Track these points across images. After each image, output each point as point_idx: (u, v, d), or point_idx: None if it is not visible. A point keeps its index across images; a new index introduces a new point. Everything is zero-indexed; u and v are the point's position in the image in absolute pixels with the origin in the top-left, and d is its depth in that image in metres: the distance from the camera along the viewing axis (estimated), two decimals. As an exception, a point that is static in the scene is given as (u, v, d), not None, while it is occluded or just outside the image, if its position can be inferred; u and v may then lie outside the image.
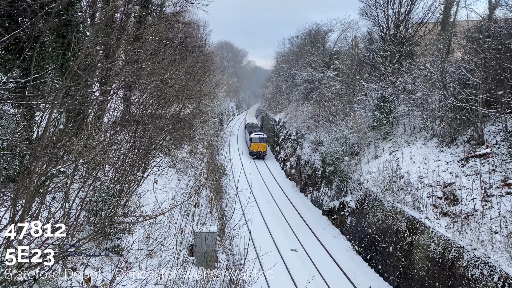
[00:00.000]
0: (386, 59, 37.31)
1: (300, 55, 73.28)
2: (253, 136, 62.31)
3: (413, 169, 24.34)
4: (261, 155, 62.04)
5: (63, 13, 12.07)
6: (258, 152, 61.75)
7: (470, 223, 18.01)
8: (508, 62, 21.13)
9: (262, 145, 61.93)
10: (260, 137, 62.14)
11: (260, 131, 67.37)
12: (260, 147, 61.78)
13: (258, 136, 62.09)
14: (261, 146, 61.83)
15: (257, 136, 62.06)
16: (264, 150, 61.96)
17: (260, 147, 61.77)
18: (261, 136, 62.63)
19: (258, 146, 61.63)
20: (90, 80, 13.70)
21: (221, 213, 22.56)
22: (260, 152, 61.82)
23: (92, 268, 10.45)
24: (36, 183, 8.97)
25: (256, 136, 62.14)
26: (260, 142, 61.71)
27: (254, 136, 62.17)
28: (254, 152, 61.72)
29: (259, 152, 61.79)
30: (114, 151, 15.55)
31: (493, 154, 20.57)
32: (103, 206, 12.01)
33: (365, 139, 32.80)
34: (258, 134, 62.72)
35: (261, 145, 61.80)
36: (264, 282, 21.16)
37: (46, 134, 9.65)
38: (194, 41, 37.21)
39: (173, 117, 22.37)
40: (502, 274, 14.83)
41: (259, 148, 61.66)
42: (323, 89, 49.14)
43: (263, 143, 62.01)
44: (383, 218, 23.78)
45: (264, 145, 62.17)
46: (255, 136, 62.05)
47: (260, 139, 61.92)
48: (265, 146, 62.53)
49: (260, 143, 61.73)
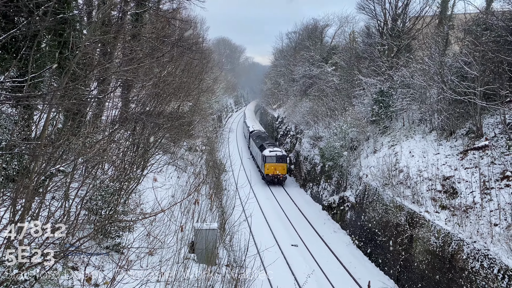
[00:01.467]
0: (384, 53, 37.28)
1: (298, 50, 73.18)
2: (267, 153, 43.75)
3: (412, 163, 24.39)
4: (280, 180, 43.51)
5: (60, 11, 12.01)
6: (276, 176, 43.19)
7: (469, 216, 18.07)
8: (506, 54, 21.12)
9: (281, 167, 43.47)
10: (278, 155, 43.46)
11: (275, 145, 49.70)
12: (278, 169, 43.32)
13: (274, 154, 43.47)
14: (280, 168, 43.43)
15: (273, 154, 43.50)
16: (283, 173, 43.49)
17: (278, 168, 43.33)
18: (279, 153, 43.90)
19: (275, 168, 43.18)
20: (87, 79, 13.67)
21: (221, 209, 22.60)
22: (278, 177, 43.25)
23: (93, 266, 10.47)
24: (35, 183, 8.98)
25: (272, 153, 43.62)
26: (277, 162, 43.34)
27: (269, 153, 43.69)
28: (270, 177, 43.28)
29: (276, 177, 43.22)
30: (113, 150, 15.54)
31: (492, 146, 20.60)
32: (103, 205, 12.02)
33: (364, 133, 32.82)
34: (275, 151, 44.24)
35: (280, 166, 43.43)
36: (265, 277, 21.23)
37: (44, 133, 9.64)
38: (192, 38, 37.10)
39: (172, 115, 22.35)
40: (502, 266, 14.89)
41: (277, 171, 43.17)
42: (322, 84, 49.12)
43: (282, 163, 43.62)
44: (382, 212, 23.85)
45: (284, 166, 43.74)
46: (270, 154, 43.60)
47: (278, 158, 43.41)
48: (285, 168, 43.98)
49: (277, 163, 43.36)
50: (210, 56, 52.51)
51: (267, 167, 43.12)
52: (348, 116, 35.21)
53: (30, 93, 9.79)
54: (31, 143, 9.76)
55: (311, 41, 66.90)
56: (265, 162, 43.22)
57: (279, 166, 43.17)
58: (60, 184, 11.19)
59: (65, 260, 9.52)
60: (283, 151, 45.57)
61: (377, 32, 41.28)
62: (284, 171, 43.49)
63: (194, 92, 28.19)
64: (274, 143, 52.32)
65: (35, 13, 9.89)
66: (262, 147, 46.88)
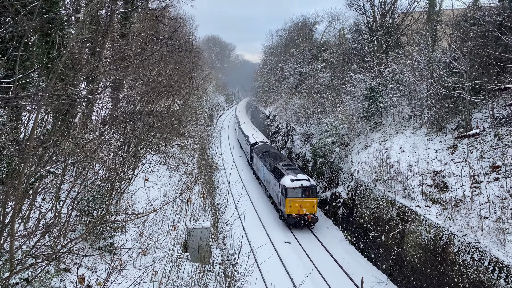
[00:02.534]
0: (374, 49, 37.45)
1: (288, 47, 73.25)
2: (288, 183, 29.67)
3: (403, 158, 24.58)
4: (309, 222, 29.42)
5: (47, 11, 11.87)
6: (302, 218, 29.24)
7: (460, 210, 18.27)
8: (493, 49, 21.35)
9: (309, 203, 29.37)
10: (305, 186, 29.48)
11: (293, 167, 33.96)
12: (306, 206, 29.28)
13: (299, 184, 29.41)
14: (308, 205, 29.31)
15: (297, 184, 29.44)
16: (313, 211, 29.39)
17: (306, 206, 29.28)
18: (306, 182, 29.75)
19: (302, 206, 29.19)
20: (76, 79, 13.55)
21: (214, 208, 22.58)
22: (305, 218, 29.21)
23: (85, 268, 10.40)
24: (25, 185, 8.88)
25: (296, 183, 29.52)
26: (304, 196, 29.35)
27: (292, 184, 29.56)
28: (294, 219, 29.33)
29: (303, 218, 29.24)
30: (104, 150, 15.45)
31: (481, 134, 20.83)
32: (95, 206, 11.94)
33: (355, 130, 32.99)
34: (299, 179, 29.95)
35: (308, 203, 29.30)
36: (259, 274, 21.30)
37: (33, 134, 9.53)
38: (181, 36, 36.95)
39: (162, 114, 22.25)
40: (492, 258, 15.09)
41: (305, 209, 29.16)
42: (312, 81, 49.25)
43: (310, 197, 29.49)
44: (374, 207, 24.02)
45: (313, 202, 29.49)
46: (293, 185, 29.50)
47: (304, 190, 29.41)
48: (315, 204, 29.68)
49: (305, 198, 29.30)
50: (200, 54, 52.34)
51: (289, 204, 29.01)
52: (339, 112, 35.35)
53: (18, 94, 9.67)
54: (20, 145, 9.65)
55: (301, 38, 67.01)
56: (287, 196, 29.09)
57: (306, 202, 29.05)
58: (50, 186, 11.09)
59: (57, 262, 9.45)
60: (310, 179, 30.74)
61: (366, 28, 41.43)
62: (314, 209, 29.29)
63: (184, 90, 28.10)
64: (292, 164, 35.93)
65: (22, 13, 9.76)
66: (278, 172, 32.36)
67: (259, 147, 44.79)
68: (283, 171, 31.93)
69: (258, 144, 46.27)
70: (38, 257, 7.83)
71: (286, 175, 30.77)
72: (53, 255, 8.31)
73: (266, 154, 40.06)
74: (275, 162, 35.83)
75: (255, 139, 49.63)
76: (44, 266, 8.16)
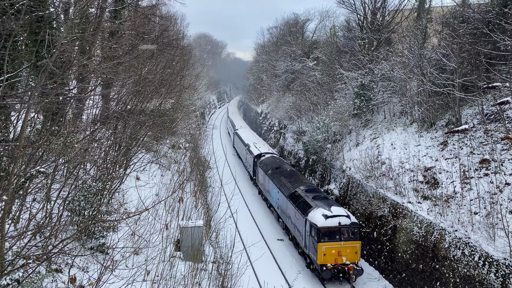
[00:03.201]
0: (365, 47, 37.59)
1: (279, 45, 73.26)
2: (320, 221, 21.55)
3: (394, 154, 24.74)
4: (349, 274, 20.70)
5: (35, 9, 11.75)
6: (341, 269, 20.89)
7: (450, 206, 18.45)
8: (482, 46, 21.55)
9: (352, 248, 21.35)
10: (343, 225, 21.47)
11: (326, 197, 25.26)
12: (346, 254, 21.16)
13: (337, 222, 21.48)
14: (349, 251, 21.25)
15: (334, 222, 21.42)
16: (356, 259, 21.27)
17: (346, 253, 21.18)
18: (345, 220, 21.61)
19: (340, 253, 21.06)
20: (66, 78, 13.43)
21: (207, 206, 22.55)
22: (345, 269, 20.79)
23: (77, 268, 10.34)
24: (15, 185, 8.80)
25: (332, 220, 21.49)
26: (344, 239, 21.37)
27: (326, 221, 21.46)
28: (331, 272, 20.89)
29: (342, 270, 20.88)
30: (95, 149, 15.35)
31: (471, 130, 21.02)
32: (86, 205, 11.87)
33: (346, 127, 33.13)
34: (335, 215, 21.78)
35: (350, 249, 21.29)
36: (252, 272, 21.33)
37: (23, 134, 9.44)
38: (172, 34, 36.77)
39: (154, 112, 22.14)
40: (482, 253, 15.28)
41: (344, 257, 21.02)
42: (304, 79, 49.33)
43: (352, 240, 21.36)
44: (366, 204, 24.16)
45: (355, 247, 21.39)
46: (327, 224, 21.39)
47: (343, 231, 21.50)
48: (358, 250, 21.43)
49: (344, 243, 21.26)
50: (191, 52, 52.10)
51: (323, 251, 21.04)
52: (331, 110, 35.47)
53: (6, 93, 9.56)
54: (9, 145, 9.55)
55: (292, 36, 67.06)
56: (319, 240, 21.05)
57: (347, 247, 21.23)
58: (41, 186, 11.00)
59: (48, 262, 9.37)
60: (349, 214, 22.32)
61: (357, 26, 41.59)
62: (357, 256, 21.32)
63: (176, 89, 27.97)
64: (316, 188, 27.56)
65: (9, 11, 9.64)
66: (302, 202, 24.29)
67: (266, 161, 36.31)
68: (309, 201, 23.62)
69: (264, 157, 37.82)
70: (29, 258, 7.76)
71: (314, 208, 22.41)
72: (44, 256, 8.25)
73: (278, 172, 31.53)
74: (293, 184, 27.33)
75: (258, 149, 41.40)
76: (35, 267, 8.10)
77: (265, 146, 45.15)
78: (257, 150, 41.05)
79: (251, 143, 45.24)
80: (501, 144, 19.11)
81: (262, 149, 41.48)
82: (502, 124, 20.03)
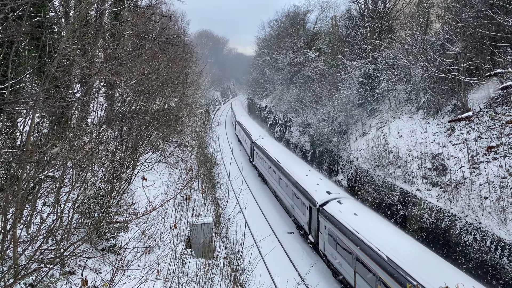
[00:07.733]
0: (367, 35, 37.32)
1: (281, 38, 72.91)
2: None
3: (401, 143, 24.60)
4: None
5: (35, 15, 11.78)
6: None
7: (460, 191, 18.33)
8: (486, 29, 21.28)
9: None
10: None
11: None
12: None
13: None
14: None
15: None
16: None
17: None
18: None
19: None
20: (69, 81, 13.48)
21: (215, 203, 22.61)
22: None
23: (90, 269, 10.43)
24: (24, 190, 8.87)
25: None
26: None
27: None
28: None
29: None
30: (102, 151, 15.41)
31: (477, 120, 20.84)
32: (96, 207, 11.94)
33: (352, 117, 32.97)
34: None
35: None
36: (264, 266, 21.39)
37: (30, 139, 9.50)
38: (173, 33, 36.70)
39: (158, 112, 22.18)
40: (494, 238, 15.18)
41: None
42: (307, 71, 49.10)
43: None
44: (375, 193, 24.07)
45: None
46: None
47: None
48: None
49: None
50: (193, 49, 51.99)
51: None
52: (335, 101, 35.31)
53: (11, 99, 9.62)
54: (17, 151, 9.62)
55: (293, 28, 66.66)
56: None
57: None
58: (50, 190, 11.07)
59: (61, 265, 9.46)
60: None
61: (358, 15, 41.26)
62: None
63: (179, 87, 27.96)
64: None
65: (10, 18, 9.67)
66: None
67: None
68: None
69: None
70: (41, 262, 7.84)
71: None
72: (56, 259, 8.32)
73: None
74: None
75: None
76: (48, 270, 8.17)
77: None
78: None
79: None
80: (510, 128, 18.92)
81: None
82: (510, 107, 19.81)
